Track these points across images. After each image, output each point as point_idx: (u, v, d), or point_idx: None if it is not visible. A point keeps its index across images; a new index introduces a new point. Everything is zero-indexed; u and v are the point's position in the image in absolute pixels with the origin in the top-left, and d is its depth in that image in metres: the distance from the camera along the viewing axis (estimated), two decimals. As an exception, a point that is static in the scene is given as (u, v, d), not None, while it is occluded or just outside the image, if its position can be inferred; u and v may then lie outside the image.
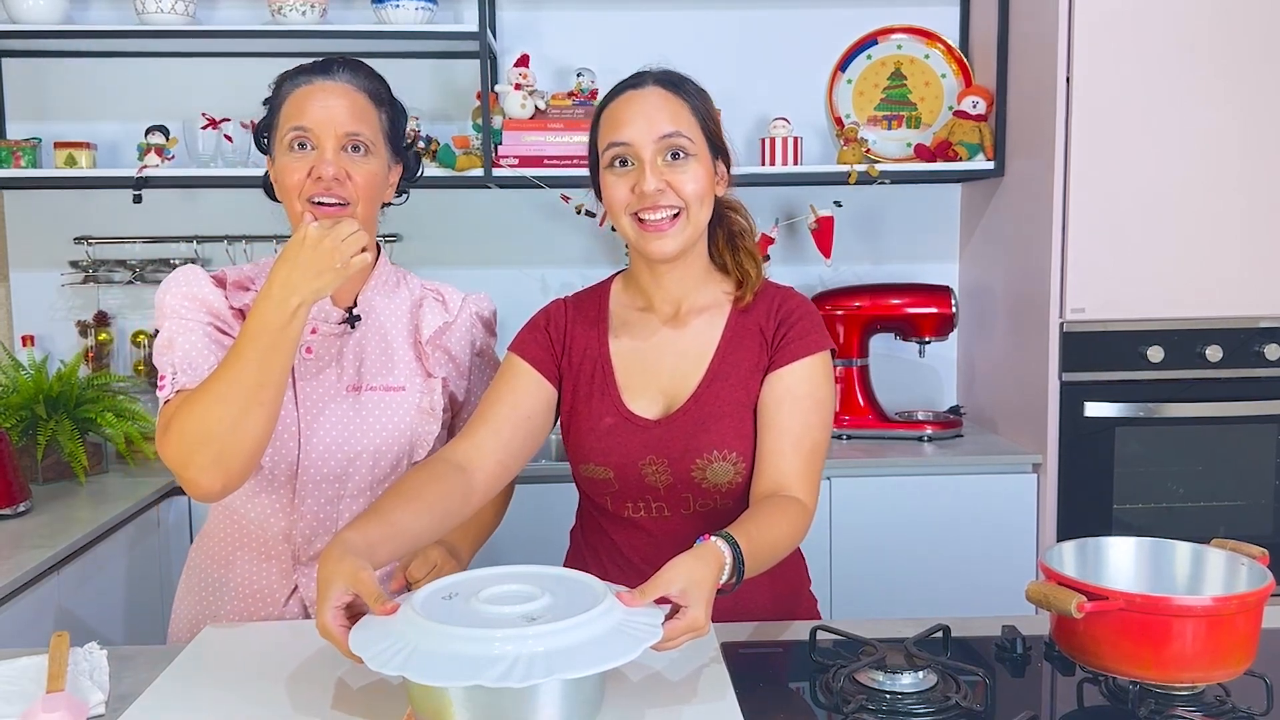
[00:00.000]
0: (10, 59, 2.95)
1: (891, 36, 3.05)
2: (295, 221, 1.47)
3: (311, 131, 1.45)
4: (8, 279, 3.02)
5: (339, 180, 1.44)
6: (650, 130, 1.41)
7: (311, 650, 1.32)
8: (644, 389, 1.50)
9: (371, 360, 1.56)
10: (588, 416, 1.50)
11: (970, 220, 3.10)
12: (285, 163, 1.46)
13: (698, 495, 1.47)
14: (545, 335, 1.55)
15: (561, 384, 1.54)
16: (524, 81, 2.79)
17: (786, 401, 1.44)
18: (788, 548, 1.36)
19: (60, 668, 1.22)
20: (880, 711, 1.15)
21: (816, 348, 1.47)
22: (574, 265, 3.11)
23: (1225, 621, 1.14)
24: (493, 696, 1.01)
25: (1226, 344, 2.56)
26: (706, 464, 1.45)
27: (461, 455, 1.43)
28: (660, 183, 1.41)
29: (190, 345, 1.45)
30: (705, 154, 1.45)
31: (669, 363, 1.50)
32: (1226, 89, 2.51)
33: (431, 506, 1.34)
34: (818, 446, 1.44)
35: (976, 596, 2.58)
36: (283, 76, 1.53)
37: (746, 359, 1.48)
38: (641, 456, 1.47)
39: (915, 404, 3.14)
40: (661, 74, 1.47)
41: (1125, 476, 2.60)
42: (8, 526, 2.18)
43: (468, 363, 1.65)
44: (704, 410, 1.46)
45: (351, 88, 1.49)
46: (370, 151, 1.48)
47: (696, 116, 1.45)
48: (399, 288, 1.63)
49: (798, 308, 1.50)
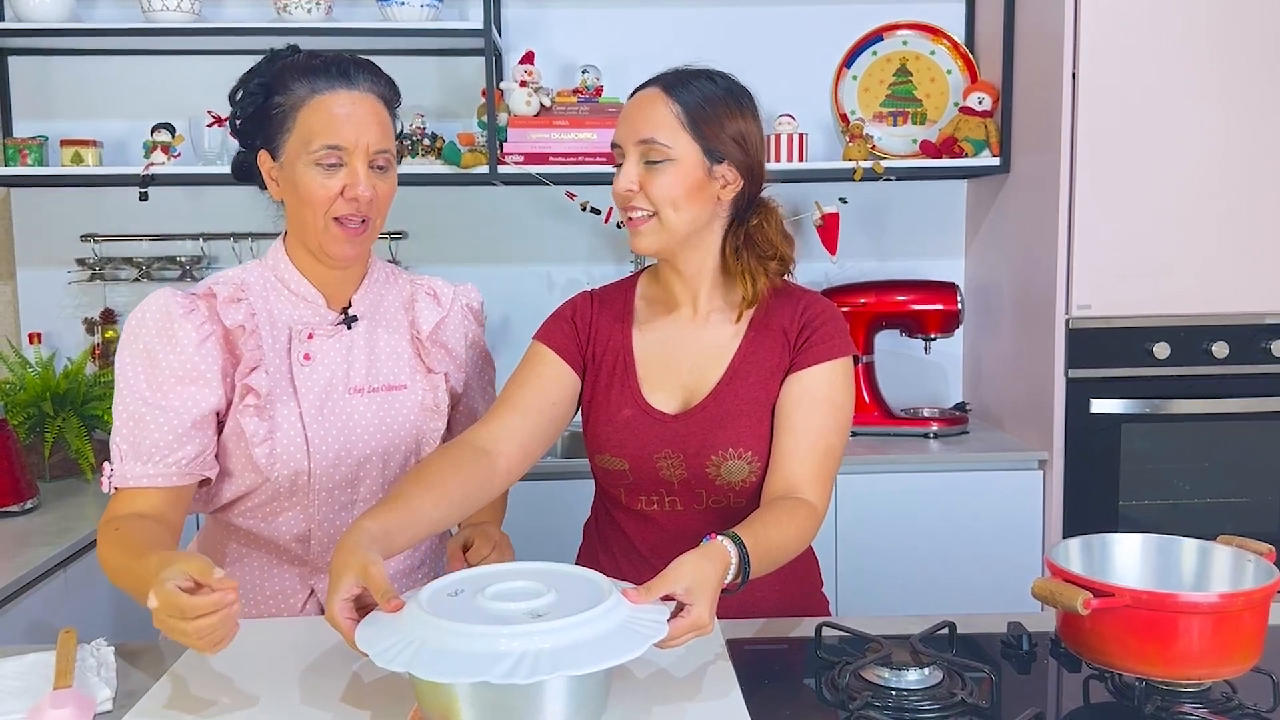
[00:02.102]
0: (17, 57, 2.95)
1: (897, 33, 3.04)
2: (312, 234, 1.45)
3: (344, 150, 1.43)
4: (15, 277, 3.02)
5: (371, 201, 1.45)
6: (631, 131, 1.43)
7: (321, 646, 1.32)
8: (664, 383, 1.50)
9: (371, 360, 1.55)
10: (606, 407, 1.51)
11: (976, 217, 3.10)
12: (314, 179, 1.43)
13: (711, 491, 1.47)
14: (571, 325, 1.55)
15: (585, 373, 1.55)
16: (529, 78, 2.79)
17: (804, 403, 1.44)
18: (795, 550, 1.36)
19: (68, 664, 1.23)
20: (886, 708, 1.15)
21: (839, 353, 1.47)
22: (579, 262, 3.11)
23: (1232, 618, 1.13)
24: (499, 693, 1.01)
25: (1233, 340, 2.55)
26: (721, 461, 1.45)
27: (485, 439, 1.43)
28: (632, 184, 1.42)
29: (134, 423, 1.41)
30: (691, 158, 1.41)
31: (690, 358, 1.51)
32: (1233, 85, 2.50)
33: (452, 493, 1.34)
34: (832, 450, 1.44)
35: (982, 593, 2.58)
36: (289, 71, 1.46)
37: (768, 359, 1.48)
38: (657, 450, 1.47)
39: (921, 401, 3.14)
40: (670, 75, 1.46)
41: (1131, 473, 2.59)
42: (15, 524, 2.19)
43: (464, 355, 1.65)
44: (722, 408, 1.46)
45: (374, 98, 1.47)
46: (390, 165, 1.49)
47: (683, 117, 1.41)
48: (391, 285, 1.62)
49: (823, 312, 1.50)
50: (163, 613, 1.10)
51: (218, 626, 1.10)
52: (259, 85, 1.48)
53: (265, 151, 1.49)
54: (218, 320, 1.45)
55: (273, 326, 1.50)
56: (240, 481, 1.49)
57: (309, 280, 1.52)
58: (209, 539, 1.59)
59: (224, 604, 1.09)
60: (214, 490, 1.51)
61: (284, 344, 1.50)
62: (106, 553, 1.34)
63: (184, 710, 1.17)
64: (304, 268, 1.52)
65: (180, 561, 1.13)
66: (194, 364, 1.42)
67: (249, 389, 1.44)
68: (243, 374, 1.45)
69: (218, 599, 1.09)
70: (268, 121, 1.47)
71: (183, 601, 1.08)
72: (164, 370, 1.42)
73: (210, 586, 1.10)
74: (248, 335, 1.46)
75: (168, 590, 1.09)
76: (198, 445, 1.43)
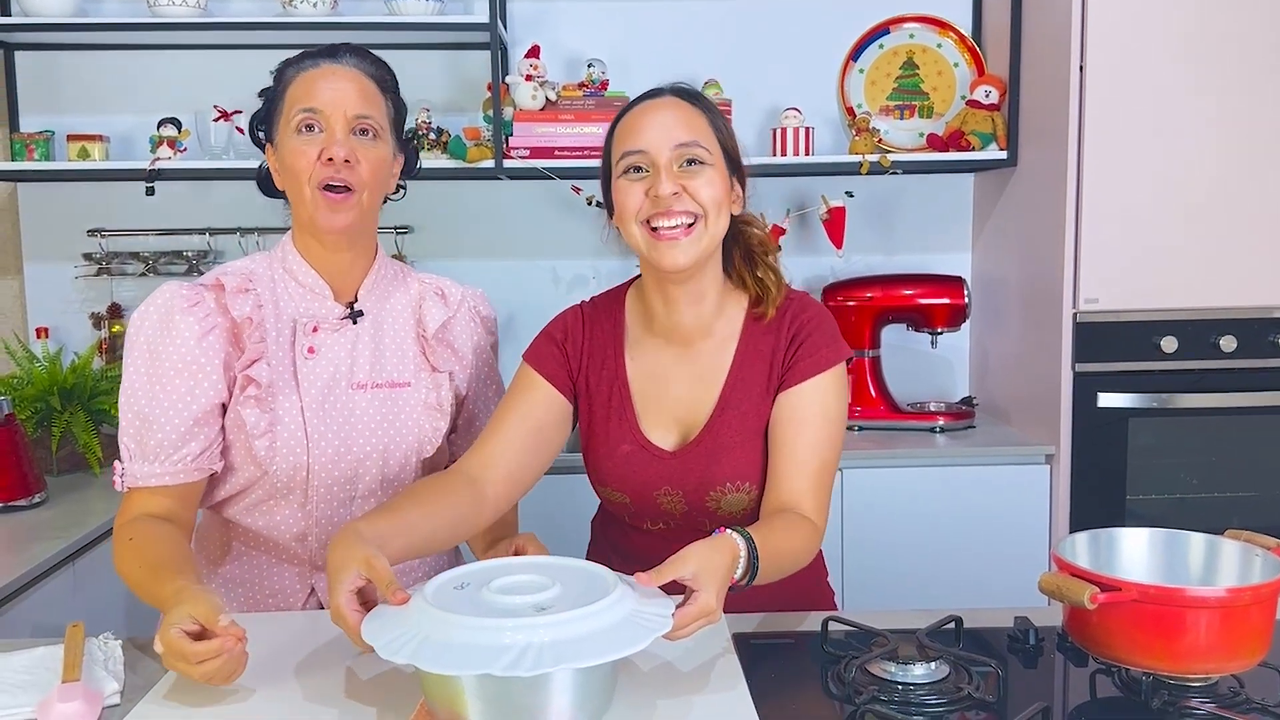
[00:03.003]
0: (23, 52, 2.96)
1: (904, 25, 3.03)
2: (303, 208, 1.45)
3: (321, 113, 1.43)
4: (22, 271, 3.03)
5: (349, 163, 1.43)
6: (668, 138, 1.39)
7: (324, 641, 1.33)
8: (660, 416, 1.49)
9: (375, 356, 1.54)
10: (605, 441, 1.50)
11: (983, 210, 3.09)
12: (294, 145, 1.44)
13: (713, 520, 1.48)
14: (561, 350, 1.52)
15: (578, 401, 1.53)
16: (535, 73, 2.79)
17: (794, 423, 1.43)
18: (798, 561, 1.36)
19: (76, 657, 1.23)
20: (892, 702, 1.15)
21: (827, 363, 1.45)
22: (585, 257, 3.10)
23: (1239, 613, 1.13)
24: (504, 686, 1.01)
25: (1241, 334, 2.54)
26: (721, 495, 1.45)
27: (473, 468, 1.43)
28: (676, 187, 1.38)
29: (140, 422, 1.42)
30: (722, 165, 1.42)
31: (682, 389, 1.49)
32: (1241, 78, 2.49)
33: (442, 512, 1.34)
34: (826, 464, 1.43)
35: (989, 588, 2.58)
36: (285, 63, 1.51)
37: (758, 382, 1.47)
38: (657, 486, 1.47)
39: (927, 395, 3.13)
40: (679, 87, 1.45)
41: (1138, 467, 2.59)
42: (23, 518, 2.20)
43: (470, 357, 1.63)
44: (718, 441, 1.45)
45: (359, 72, 1.48)
46: (378, 136, 1.48)
47: (714, 128, 1.43)
48: (399, 283, 1.61)
49: (810, 320, 1.48)
50: (169, 658, 1.16)
51: (222, 668, 1.15)
52: (265, 92, 1.53)
53: (269, 145, 1.51)
54: (224, 312, 1.46)
55: (278, 319, 1.50)
56: (240, 475, 1.49)
57: (315, 270, 1.52)
58: (207, 536, 1.59)
59: (225, 649, 1.14)
60: (213, 484, 1.51)
61: (288, 336, 1.49)
62: (125, 566, 1.36)
63: (191, 704, 1.17)
64: (311, 257, 1.52)
65: (188, 603, 1.17)
66: (194, 358, 1.42)
67: (250, 380, 1.44)
68: (244, 365, 1.45)
69: (218, 645, 1.14)
70: (269, 115, 1.51)
71: (185, 648, 1.14)
72: (165, 366, 1.42)
73: (216, 634, 1.14)
74: (254, 327, 1.46)
75: (171, 637, 1.14)
76: (203, 441, 1.44)
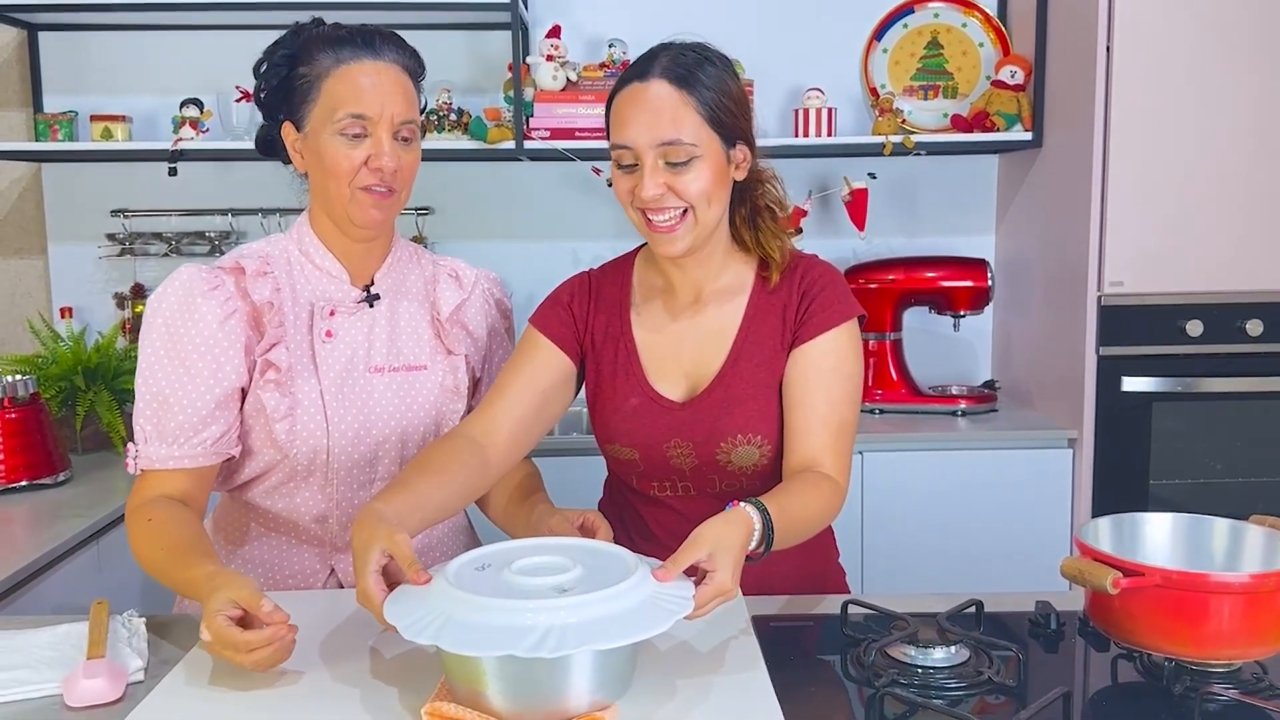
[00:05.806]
0: (47, 32, 2.97)
1: (928, 5, 3.00)
2: (339, 203, 1.44)
3: (368, 119, 1.42)
4: (46, 251, 3.05)
5: (395, 172, 1.44)
6: (650, 134, 1.36)
7: (346, 618, 1.33)
8: (668, 370, 1.49)
9: (392, 340, 1.54)
10: (613, 396, 1.49)
11: (1007, 192, 3.06)
12: (340, 150, 1.42)
13: (723, 477, 1.47)
14: (568, 311, 1.53)
15: (584, 361, 1.53)
16: (556, 53, 2.78)
17: (812, 378, 1.42)
18: (819, 524, 1.35)
19: (100, 634, 1.24)
20: (912, 686, 1.15)
21: (841, 318, 1.44)
22: (605, 238, 3.10)
23: (1263, 599, 1.12)
24: (525, 667, 1.01)
25: (1267, 318, 2.51)
26: (731, 448, 1.44)
27: (477, 430, 1.43)
28: (660, 188, 1.36)
29: (158, 404, 1.42)
30: (714, 150, 1.38)
31: (692, 345, 1.49)
32: (1268, 59, 2.45)
33: (453, 479, 1.35)
34: (846, 423, 1.42)
35: (1010, 572, 2.57)
36: (315, 42, 1.45)
37: (770, 337, 1.46)
38: (666, 439, 1.46)
39: (949, 378, 3.11)
40: (671, 64, 1.37)
41: (1162, 452, 2.57)
42: (48, 496, 2.22)
43: (485, 339, 1.64)
44: (729, 393, 1.44)
45: (398, 69, 1.46)
46: (415, 138, 1.48)
47: (704, 111, 1.36)
48: (414, 265, 1.61)
49: (820, 277, 1.47)
50: (217, 645, 1.15)
51: (271, 656, 1.15)
52: (283, 57, 1.47)
53: (290, 123, 1.48)
54: (245, 296, 1.46)
55: (295, 302, 1.50)
56: (260, 459, 1.49)
57: (333, 254, 1.52)
58: (226, 518, 1.59)
59: (277, 638, 1.14)
60: (233, 468, 1.52)
61: (306, 320, 1.50)
62: (141, 546, 1.37)
63: (216, 683, 1.18)
64: (329, 241, 1.52)
65: (225, 587, 1.17)
66: (216, 341, 1.42)
67: (269, 364, 1.45)
68: (263, 349, 1.45)
69: (271, 634, 1.14)
70: (292, 93, 1.46)
71: (236, 637, 1.13)
72: (186, 349, 1.42)
73: (262, 620, 1.14)
74: (274, 311, 1.46)
75: (219, 625, 1.14)
76: (222, 425, 1.44)
